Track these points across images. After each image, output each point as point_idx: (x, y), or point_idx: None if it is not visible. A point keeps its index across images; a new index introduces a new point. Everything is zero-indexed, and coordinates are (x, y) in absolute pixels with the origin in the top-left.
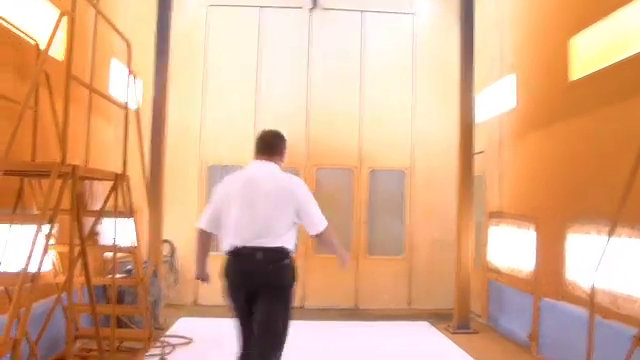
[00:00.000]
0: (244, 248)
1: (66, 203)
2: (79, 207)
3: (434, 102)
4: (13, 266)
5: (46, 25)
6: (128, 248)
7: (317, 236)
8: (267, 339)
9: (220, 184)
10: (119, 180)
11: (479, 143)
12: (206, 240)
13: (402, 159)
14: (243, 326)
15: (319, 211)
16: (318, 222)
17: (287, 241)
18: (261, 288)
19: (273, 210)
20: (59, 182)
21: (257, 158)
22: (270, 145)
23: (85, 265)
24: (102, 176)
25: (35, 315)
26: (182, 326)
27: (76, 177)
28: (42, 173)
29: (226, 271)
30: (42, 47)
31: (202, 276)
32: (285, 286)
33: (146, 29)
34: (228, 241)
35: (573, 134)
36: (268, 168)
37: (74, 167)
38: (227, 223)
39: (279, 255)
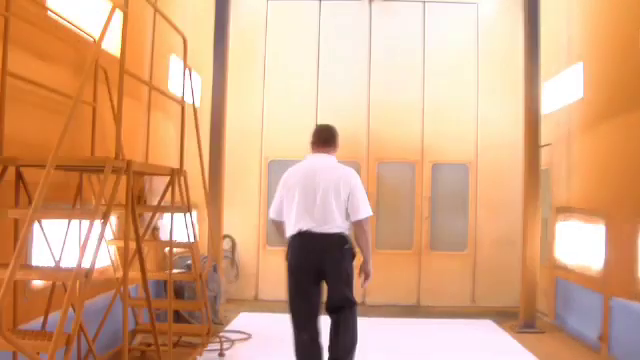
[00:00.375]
0: (306, 233)
1: (122, 198)
2: (134, 202)
3: (499, 94)
4: (71, 261)
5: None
6: (186, 243)
7: (356, 222)
8: (342, 314)
9: (284, 175)
10: (176, 175)
11: (546, 135)
12: (279, 225)
13: (465, 153)
14: (299, 307)
15: (365, 201)
16: (360, 209)
17: (345, 228)
18: (321, 272)
19: (331, 199)
20: (114, 177)
21: (315, 151)
22: (327, 139)
23: (140, 260)
24: (158, 171)
25: (97, 309)
26: (242, 321)
27: (130, 172)
28: (97, 168)
29: (289, 254)
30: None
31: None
32: (344, 268)
33: (205, 26)
34: (291, 227)
35: None
36: (327, 160)
37: (128, 162)
38: (290, 211)
39: (337, 241)
